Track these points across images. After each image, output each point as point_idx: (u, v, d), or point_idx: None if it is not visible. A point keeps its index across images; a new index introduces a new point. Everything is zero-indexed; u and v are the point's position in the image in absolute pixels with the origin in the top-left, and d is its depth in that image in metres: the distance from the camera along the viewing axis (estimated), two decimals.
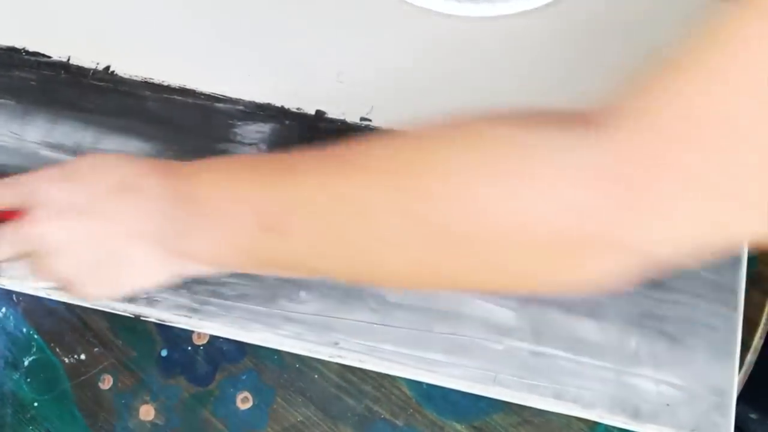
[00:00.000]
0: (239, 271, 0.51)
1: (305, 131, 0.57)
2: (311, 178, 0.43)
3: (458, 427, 0.56)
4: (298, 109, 0.57)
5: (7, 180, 0.49)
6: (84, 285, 0.48)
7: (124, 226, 0.46)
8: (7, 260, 0.48)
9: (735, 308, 0.53)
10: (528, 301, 0.53)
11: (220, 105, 0.58)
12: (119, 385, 0.56)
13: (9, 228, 0.47)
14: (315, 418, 0.56)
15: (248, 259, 0.46)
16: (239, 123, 0.57)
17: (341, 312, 0.54)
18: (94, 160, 0.49)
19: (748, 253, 0.54)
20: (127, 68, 0.58)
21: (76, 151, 0.56)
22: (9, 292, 0.56)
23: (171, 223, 0.46)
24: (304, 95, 0.58)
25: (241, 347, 0.57)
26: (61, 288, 0.49)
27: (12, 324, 0.57)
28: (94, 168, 0.48)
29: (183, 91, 0.58)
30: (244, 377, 0.57)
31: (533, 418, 0.55)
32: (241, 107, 0.57)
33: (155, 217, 0.46)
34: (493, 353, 0.53)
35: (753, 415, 0.60)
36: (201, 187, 0.46)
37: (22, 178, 0.48)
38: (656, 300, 0.53)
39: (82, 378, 0.56)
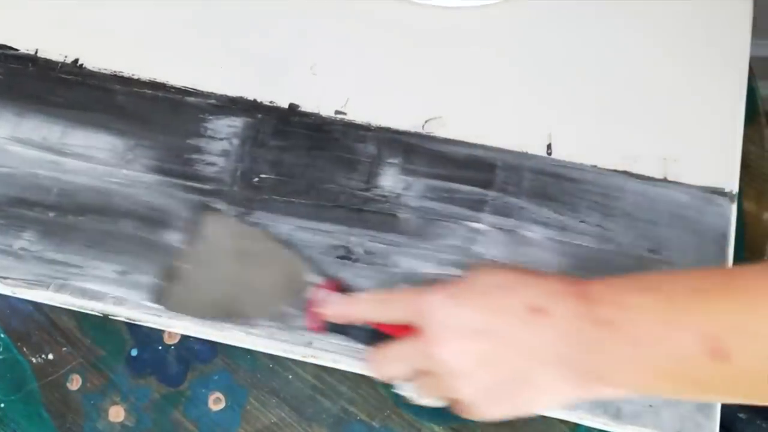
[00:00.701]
0: (668, 396, 0.49)
1: (279, 125, 0.55)
2: (762, 298, 0.40)
3: (436, 429, 0.54)
4: (271, 102, 0.56)
5: (396, 296, 0.48)
6: (480, 406, 0.46)
7: (533, 349, 0.44)
8: (401, 377, 0.47)
9: None
10: None
11: (191, 99, 0.56)
12: (88, 385, 0.55)
13: (409, 345, 0.46)
14: (289, 420, 0.54)
15: (673, 386, 0.43)
16: (210, 117, 0.56)
17: None
18: (490, 278, 0.46)
19: (735, 246, 0.53)
20: (96, 61, 0.57)
21: (43, 146, 0.55)
22: None
23: (587, 349, 0.43)
24: (278, 88, 0.56)
25: (213, 347, 0.55)
26: (450, 406, 0.47)
27: None
28: (492, 288, 0.45)
29: (153, 85, 0.56)
30: (216, 377, 0.55)
31: (513, 419, 0.53)
32: (212, 101, 0.56)
33: (568, 342, 0.43)
34: None
35: (741, 415, 0.57)
36: (625, 311, 0.43)
37: (411, 297, 0.46)
38: None
39: (50, 378, 0.55)
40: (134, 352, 0.55)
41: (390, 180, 0.54)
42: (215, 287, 0.52)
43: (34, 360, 0.55)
